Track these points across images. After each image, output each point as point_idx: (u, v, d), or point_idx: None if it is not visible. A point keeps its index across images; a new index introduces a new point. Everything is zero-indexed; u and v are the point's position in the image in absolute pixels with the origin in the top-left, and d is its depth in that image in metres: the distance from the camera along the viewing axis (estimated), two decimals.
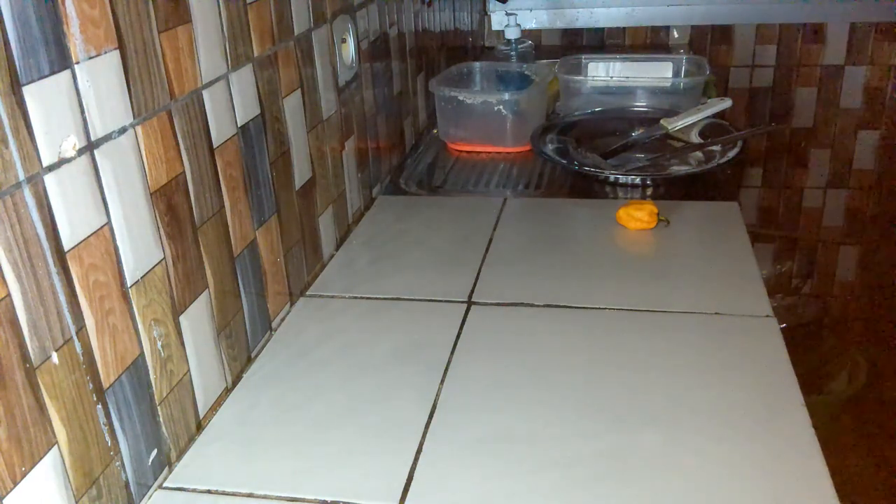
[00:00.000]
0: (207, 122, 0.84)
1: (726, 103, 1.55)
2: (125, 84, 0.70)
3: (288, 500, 0.74)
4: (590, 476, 0.74)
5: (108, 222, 0.68)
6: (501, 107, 1.55)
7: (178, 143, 0.78)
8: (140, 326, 0.73)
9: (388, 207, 1.37)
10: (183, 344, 0.80)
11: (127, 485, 0.72)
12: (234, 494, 0.76)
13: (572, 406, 0.84)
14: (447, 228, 1.26)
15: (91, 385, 0.66)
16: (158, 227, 0.75)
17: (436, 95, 1.59)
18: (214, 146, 0.85)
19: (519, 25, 2.01)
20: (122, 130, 0.70)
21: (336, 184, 1.21)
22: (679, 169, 1.43)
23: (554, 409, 0.84)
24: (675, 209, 1.24)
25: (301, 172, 1.08)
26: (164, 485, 0.77)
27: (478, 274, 1.11)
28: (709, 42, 2.28)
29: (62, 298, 0.63)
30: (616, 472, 0.74)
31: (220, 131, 0.86)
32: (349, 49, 1.22)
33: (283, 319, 1.04)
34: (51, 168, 0.61)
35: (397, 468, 0.77)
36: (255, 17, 0.93)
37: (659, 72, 1.75)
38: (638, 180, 1.38)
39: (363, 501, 0.74)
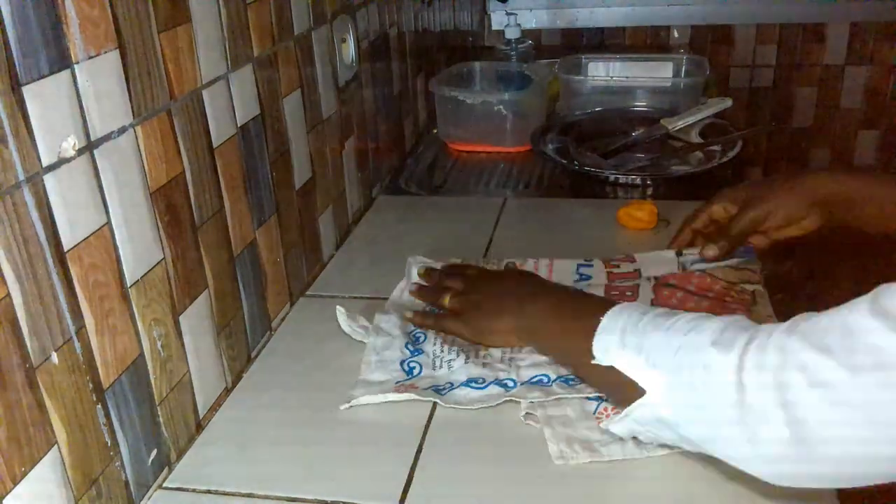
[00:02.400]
0: (207, 122, 0.84)
1: (726, 103, 1.55)
2: (125, 84, 0.70)
3: (288, 500, 0.74)
4: (589, 474, 0.74)
5: (108, 222, 0.68)
6: (501, 106, 1.55)
7: (177, 143, 0.78)
8: (140, 326, 0.73)
9: (388, 207, 1.37)
10: (183, 344, 0.80)
11: (127, 485, 0.72)
12: (234, 494, 0.76)
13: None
14: (447, 228, 1.26)
15: (91, 385, 0.66)
16: (158, 227, 0.75)
17: (436, 95, 1.59)
18: (214, 146, 0.85)
19: (519, 25, 2.01)
20: (122, 130, 0.70)
21: (336, 184, 1.21)
22: (679, 169, 1.43)
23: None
24: (675, 209, 1.24)
25: (301, 172, 1.08)
26: (164, 485, 0.77)
27: None
28: (709, 42, 2.28)
29: (62, 298, 0.63)
30: (615, 469, 0.74)
31: (219, 131, 0.86)
32: (349, 49, 1.22)
33: (283, 319, 1.04)
34: (50, 168, 0.61)
35: (397, 468, 0.77)
36: (255, 17, 0.93)
37: (659, 72, 1.75)
38: (638, 180, 1.38)
39: (363, 501, 0.74)
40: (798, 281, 1.66)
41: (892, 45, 2.21)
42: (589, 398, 0.80)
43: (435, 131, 1.66)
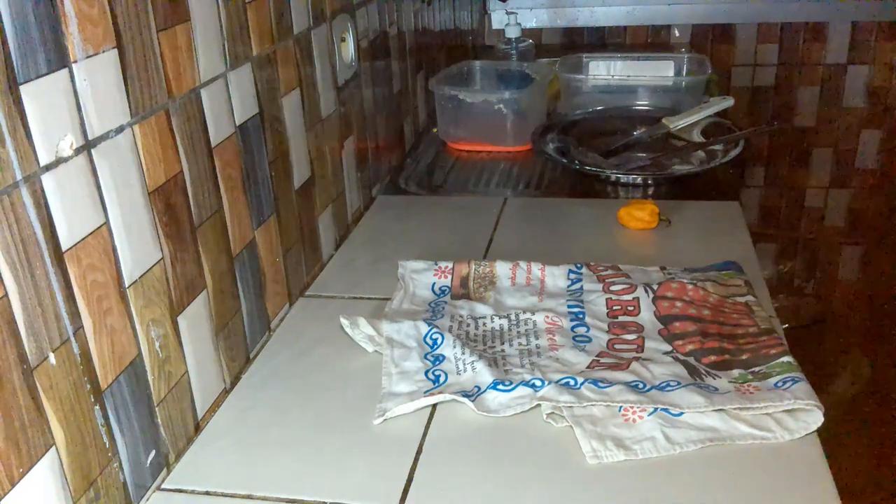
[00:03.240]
0: (206, 122, 0.83)
1: (728, 102, 1.54)
2: (123, 83, 0.69)
3: (287, 501, 0.74)
4: (590, 472, 0.74)
5: (106, 222, 0.68)
6: (502, 106, 1.54)
7: (176, 143, 0.78)
8: (138, 327, 0.73)
9: (387, 207, 1.36)
10: (181, 344, 0.80)
11: (125, 486, 0.72)
12: (232, 496, 0.75)
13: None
14: (447, 228, 1.26)
15: (89, 386, 0.66)
16: (156, 227, 0.75)
17: (436, 94, 1.58)
18: (213, 146, 0.85)
19: (519, 24, 2.01)
20: (120, 130, 0.69)
21: (335, 183, 1.21)
22: (680, 168, 1.42)
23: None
24: (676, 209, 1.24)
25: (300, 172, 1.08)
26: (163, 486, 0.77)
27: None
28: (710, 41, 2.27)
29: (60, 299, 0.62)
30: (615, 464, 0.74)
31: (218, 131, 0.86)
32: (349, 48, 1.22)
33: (282, 320, 1.03)
34: (48, 167, 0.61)
35: (397, 469, 0.76)
36: (254, 17, 0.93)
37: (660, 70, 1.75)
38: (639, 180, 1.38)
39: (363, 501, 0.73)
40: (800, 280, 1.66)
41: (894, 44, 2.21)
42: (611, 404, 0.79)
43: (435, 131, 1.66)
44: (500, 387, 0.83)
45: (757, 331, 0.91)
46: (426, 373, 0.88)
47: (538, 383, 0.82)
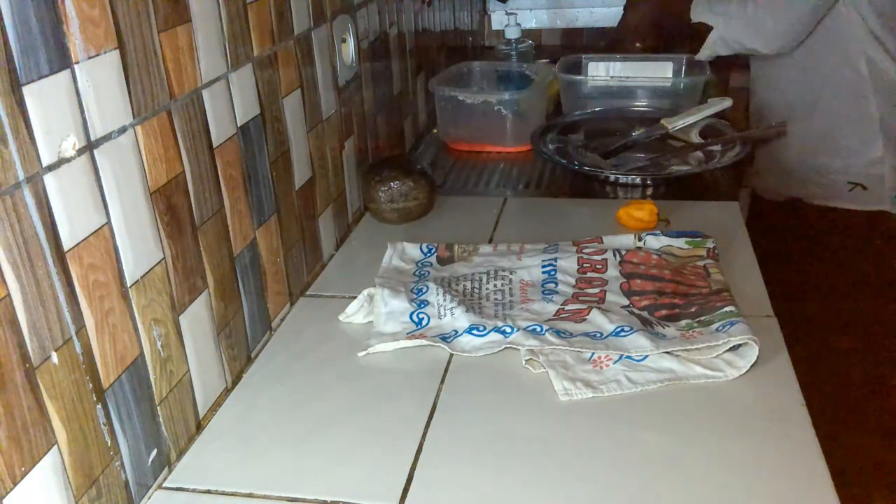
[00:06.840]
0: (207, 122, 0.84)
1: (727, 103, 1.54)
2: (125, 84, 0.70)
3: (288, 500, 0.74)
4: (590, 473, 0.74)
5: (108, 222, 0.68)
6: (501, 106, 1.55)
7: (177, 143, 0.78)
8: (140, 326, 0.73)
9: None
10: (183, 344, 0.80)
11: (127, 485, 0.72)
12: (233, 494, 0.76)
13: (574, 402, 0.84)
14: (447, 228, 1.26)
15: (91, 385, 0.66)
16: (158, 227, 0.75)
17: (436, 95, 1.59)
18: (214, 146, 0.85)
19: (519, 25, 2.01)
20: (122, 130, 0.70)
21: (336, 184, 1.21)
22: (679, 169, 1.43)
23: (555, 404, 0.84)
24: (675, 209, 1.24)
25: (301, 172, 1.08)
26: (164, 485, 0.77)
27: None
28: None
29: (62, 298, 0.63)
30: (616, 464, 0.74)
31: (219, 131, 0.86)
32: (349, 49, 1.22)
33: (283, 319, 1.04)
34: (50, 168, 0.61)
35: (397, 468, 0.77)
36: (255, 17, 0.93)
37: (659, 71, 1.75)
38: (638, 180, 1.38)
39: (363, 501, 0.74)
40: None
41: None
42: (581, 351, 0.89)
43: (435, 131, 1.66)
44: (475, 332, 0.93)
45: (709, 291, 0.98)
46: (411, 315, 0.97)
47: (508, 330, 0.92)
